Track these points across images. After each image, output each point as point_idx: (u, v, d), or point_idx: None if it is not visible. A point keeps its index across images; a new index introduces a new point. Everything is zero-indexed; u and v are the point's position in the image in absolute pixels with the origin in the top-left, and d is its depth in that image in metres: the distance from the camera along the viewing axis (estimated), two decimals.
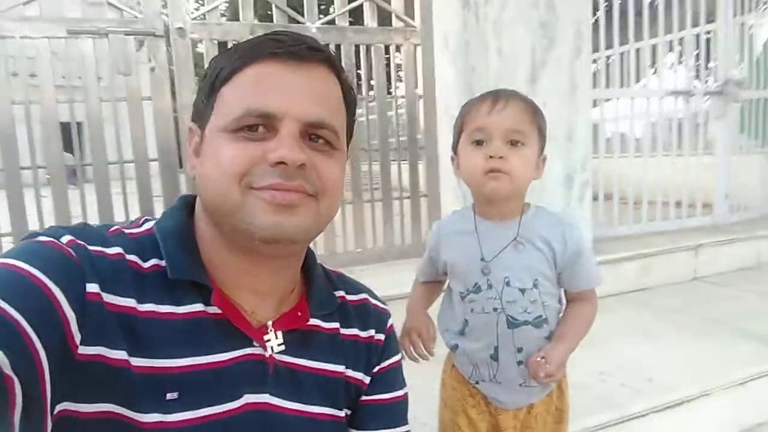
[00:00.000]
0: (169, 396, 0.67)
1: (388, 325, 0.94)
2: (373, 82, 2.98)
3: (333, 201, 0.77)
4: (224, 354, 0.73)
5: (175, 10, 2.54)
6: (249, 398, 0.74)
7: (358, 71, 2.99)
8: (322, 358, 0.83)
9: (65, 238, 0.66)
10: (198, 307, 0.72)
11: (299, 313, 0.82)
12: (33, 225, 2.35)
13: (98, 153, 2.49)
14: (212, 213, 0.73)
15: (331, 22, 2.81)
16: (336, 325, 0.87)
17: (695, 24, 4.04)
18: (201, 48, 2.81)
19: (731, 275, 3.51)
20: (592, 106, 3.30)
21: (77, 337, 0.61)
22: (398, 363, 0.95)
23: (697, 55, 4.03)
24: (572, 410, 1.34)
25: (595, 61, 4.33)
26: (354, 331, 0.89)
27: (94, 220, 2.51)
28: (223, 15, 2.70)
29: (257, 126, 0.70)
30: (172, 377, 0.68)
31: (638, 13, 3.74)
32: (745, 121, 4.14)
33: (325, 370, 0.84)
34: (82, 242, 0.67)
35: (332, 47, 2.82)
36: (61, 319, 0.59)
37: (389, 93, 3.24)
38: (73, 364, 0.61)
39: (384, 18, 2.92)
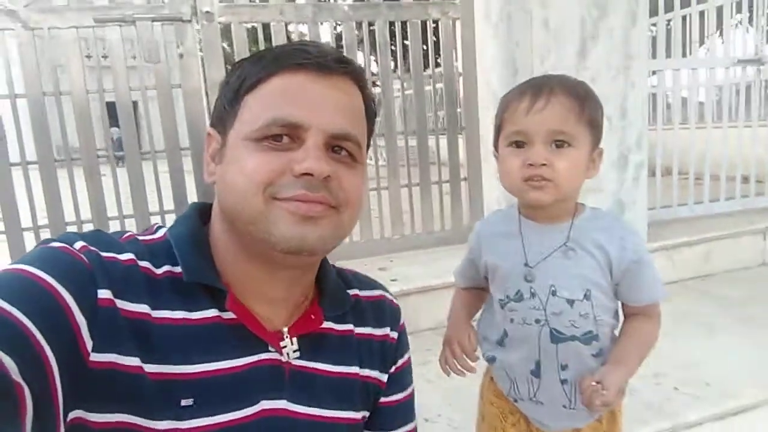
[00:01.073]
0: (183, 402, 0.67)
1: (401, 322, 0.94)
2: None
3: (354, 213, 0.77)
4: (240, 359, 0.72)
5: None
6: (265, 404, 0.73)
7: (393, 48, 2.83)
8: (336, 360, 0.83)
9: (78, 244, 0.66)
10: (212, 312, 0.71)
11: (312, 317, 0.81)
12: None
13: (130, 142, 2.47)
14: (232, 221, 0.73)
15: None
16: (350, 326, 0.86)
17: None
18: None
19: None
20: (649, 77, 3.06)
21: (89, 344, 0.61)
22: (409, 360, 0.96)
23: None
24: None
25: (653, 25, 4.02)
26: (368, 329, 0.88)
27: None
28: None
29: (282, 136, 0.70)
30: (187, 383, 0.68)
31: None
32: None
33: (339, 372, 0.83)
34: (95, 248, 0.66)
35: (365, 25, 2.68)
36: (72, 325, 0.59)
37: (426, 71, 3.07)
38: (85, 371, 0.60)
39: None
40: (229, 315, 0.72)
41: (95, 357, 0.61)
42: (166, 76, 2.46)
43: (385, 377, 0.89)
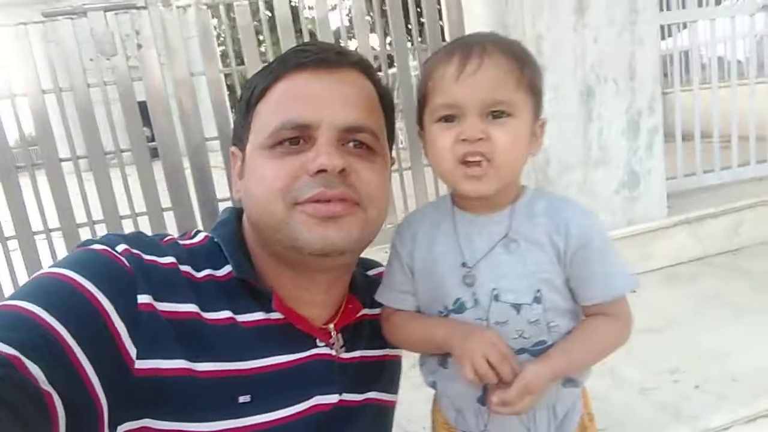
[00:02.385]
0: (241, 399, 0.67)
1: None
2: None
3: (380, 207, 0.77)
4: (292, 355, 0.73)
5: None
6: (319, 399, 0.74)
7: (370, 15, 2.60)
8: (373, 344, 0.86)
9: (120, 247, 0.65)
10: (259, 315, 0.72)
11: (350, 306, 0.83)
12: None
13: (93, 142, 2.32)
14: (261, 231, 0.74)
15: None
16: (377, 310, 0.88)
17: None
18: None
19: None
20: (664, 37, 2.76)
21: (132, 351, 0.60)
22: None
23: None
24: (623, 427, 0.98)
25: None
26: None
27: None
28: None
29: (296, 139, 0.70)
30: (243, 379, 0.68)
31: None
32: None
33: (377, 356, 0.87)
34: (138, 252, 0.66)
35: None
36: (111, 332, 0.59)
37: (409, 40, 2.83)
38: (131, 379, 0.60)
39: None
40: (276, 315, 0.73)
41: (140, 364, 0.61)
42: (125, 70, 2.29)
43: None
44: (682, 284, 2.42)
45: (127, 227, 2.41)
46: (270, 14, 2.56)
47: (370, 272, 0.94)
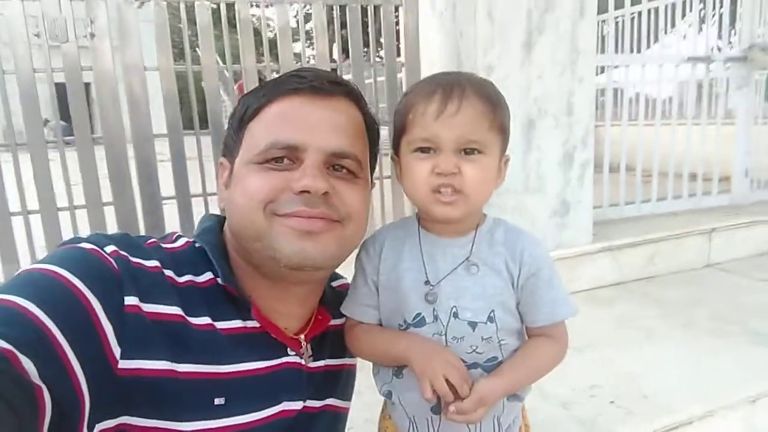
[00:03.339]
0: (216, 401, 0.70)
1: None
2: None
3: (358, 226, 0.81)
4: (266, 362, 0.77)
5: None
6: (286, 405, 0.78)
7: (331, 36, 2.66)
8: (336, 353, 0.90)
9: (109, 248, 0.67)
10: (237, 323, 0.75)
11: (320, 317, 0.88)
12: None
13: (34, 129, 2.23)
14: (240, 239, 0.77)
15: None
16: (343, 319, 0.93)
17: None
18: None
19: (748, 262, 3.20)
20: (597, 74, 2.98)
21: (117, 351, 0.62)
22: None
23: (719, 17, 3.61)
24: None
25: (603, 22, 3.95)
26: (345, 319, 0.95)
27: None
28: None
29: (282, 158, 0.74)
30: (220, 382, 0.70)
31: None
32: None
33: (340, 365, 0.92)
34: (125, 253, 0.68)
35: (302, 7, 2.50)
36: (98, 330, 0.60)
37: (367, 60, 2.91)
38: (113, 378, 0.61)
39: None
40: (253, 324, 0.76)
41: (123, 364, 0.62)
42: (75, 58, 2.22)
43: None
44: (602, 306, 2.62)
45: (64, 219, 2.33)
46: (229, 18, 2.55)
47: (334, 283, 0.99)
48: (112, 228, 2.32)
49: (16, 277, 0.61)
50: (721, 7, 3.61)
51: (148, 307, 0.66)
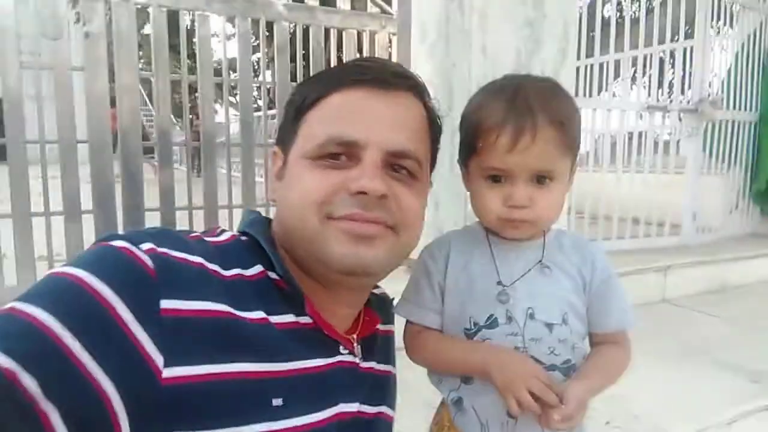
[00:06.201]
0: (275, 402, 0.64)
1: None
2: None
3: (413, 233, 0.76)
4: (320, 360, 0.71)
5: None
6: (342, 407, 0.73)
7: (327, 57, 2.69)
8: (383, 359, 0.86)
9: (145, 245, 0.60)
10: (290, 318, 0.70)
11: (367, 318, 0.84)
12: None
13: (15, 130, 2.10)
14: (290, 239, 0.73)
15: (301, 0, 2.51)
16: (389, 326, 0.92)
17: (673, 39, 3.96)
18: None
19: (698, 298, 3.41)
20: None
21: (158, 360, 0.56)
22: None
23: (673, 71, 3.95)
24: None
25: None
26: (388, 326, 0.92)
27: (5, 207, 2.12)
28: None
29: (340, 154, 0.70)
30: (278, 381, 0.65)
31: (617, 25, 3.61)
32: (707, 140, 4.08)
33: (385, 371, 0.87)
34: (164, 250, 0.61)
35: (300, 28, 2.52)
36: (130, 339, 0.54)
37: None
38: (158, 390, 0.55)
39: (359, 1, 2.64)
40: (306, 320, 0.71)
41: (168, 373, 0.56)
42: (66, 56, 2.13)
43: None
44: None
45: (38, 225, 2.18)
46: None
47: (375, 291, 0.95)
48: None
49: (36, 284, 0.55)
50: (673, 66, 3.94)
51: (192, 306, 0.60)
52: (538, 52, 2.64)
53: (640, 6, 3.66)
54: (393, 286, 0.97)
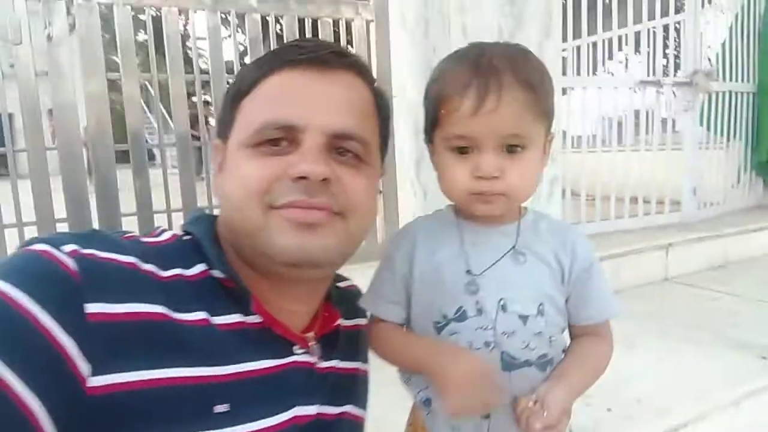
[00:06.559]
0: (218, 409, 0.61)
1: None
2: None
3: (363, 219, 0.73)
4: (271, 361, 0.68)
5: None
6: (298, 410, 0.69)
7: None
8: (347, 356, 0.81)
9: (67, 247, 0.57)
10: (236, 318, 0.66)
11: (326, 314, 0.80)
12: None
13: None
14: (235, 234, 0.69)
15: None
16: (358, 321, 0.87)
17: (664, 14, 3.87)
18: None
19: (701, 275, 3.33)
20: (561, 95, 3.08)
21: (84, 369, 0.53)
22: None
23: (665, 45, 3.86)
24: None
25: (563, 50, 4.15)
26: (358, 320, 0.88)
27: None
28: None
29: (279, 139, 0.67)
30: (221, 386, 0.61)
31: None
32: (704, 114, 3.98)
33: (349, 369, 0.82)
34: (90, 251, 0.58)
35: (272, 19, 2.44)
36: (56, 350, 0.51)
37: None
38: (85, 401, 0.52)
39: None
40: (254, 319, 0.68)
41: (95, 382, 0.53)
42: (29, 61, 2.05)
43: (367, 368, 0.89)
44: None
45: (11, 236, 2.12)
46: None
47: (341, 284, 0.91)
48: None
49: None
50: (666, 36, 3.85)
51: (121, 308, 0.56)
52: (521, 28, 2.55)
53: None
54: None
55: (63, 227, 2.14)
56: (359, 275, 0.94)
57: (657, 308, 2.75)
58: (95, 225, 2.15)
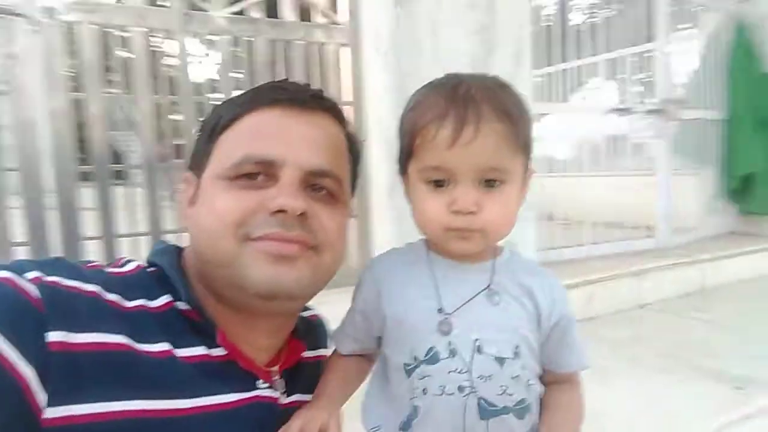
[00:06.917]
0: None
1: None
2: None
3: (335, 254, 0.74)
4: (234, 395, 0.67)
5: None
6: None
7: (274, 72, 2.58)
8: (310, 389, 0.79)
9: (31, 275, 0.56)
10: (201, 350, 0.66)
11: (291, 345, 0.80)
12: None
13: None
14: (205, 266, 0.69)
15: (243, 12, 2.40)
16: (319, 352, 0.87)
17: (635, 44, 3.94)
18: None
19: (677, 301, 3.33)
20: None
21: (41, 399, 0.52)
22: None
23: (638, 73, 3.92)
24: None
25: (538, 77, 4.20)
26: (319, 352, 0.87)
27: None
28: None
29: (257, 174, 0.68)
30: (180, 421, 0.61)
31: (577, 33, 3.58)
32: (677, 141, 4.03)
33: None
34: (53, 279, 0.58)
35: (244, 41, 2.41)
36: (15, 380, 0.50)
37: None
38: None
39: (306, 11, 2.54)
40: (219, 352, 0.68)
41: (50, 413, 0.53)
42: None
43: None
44: None
45: None
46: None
47: (304, 314, 0.89)
48: None
49: None
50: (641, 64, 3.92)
51: (81, 338, 0.56)
52: (492, 54, 2.57)
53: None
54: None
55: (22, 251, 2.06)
56: (332, 300, 0.91)
57: (630, 336, 2.73)
58: (56, 246, 2.08)
